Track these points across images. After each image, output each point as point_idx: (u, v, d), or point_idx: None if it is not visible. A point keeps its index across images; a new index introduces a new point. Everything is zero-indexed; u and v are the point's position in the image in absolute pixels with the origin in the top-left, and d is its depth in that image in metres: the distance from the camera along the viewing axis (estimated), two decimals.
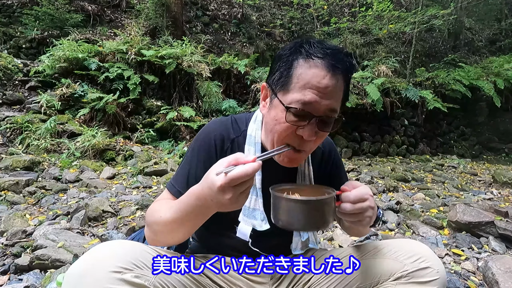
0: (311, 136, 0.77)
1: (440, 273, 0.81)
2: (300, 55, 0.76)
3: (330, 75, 0.74)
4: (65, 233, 1.99)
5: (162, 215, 0.77)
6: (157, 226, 0.80)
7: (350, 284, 0.89)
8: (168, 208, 0.77)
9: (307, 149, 0.82)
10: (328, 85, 0.73)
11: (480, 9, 10.57)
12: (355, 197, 0.74)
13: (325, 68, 0.74)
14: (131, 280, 0.66)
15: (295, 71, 0.75)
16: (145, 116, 5.32)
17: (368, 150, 6.05)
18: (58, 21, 7.25)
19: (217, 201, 0.63)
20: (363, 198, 0.74)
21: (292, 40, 7.89)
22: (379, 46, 9.01)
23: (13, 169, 3.34)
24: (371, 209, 0.75)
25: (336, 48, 0.77)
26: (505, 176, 3.95)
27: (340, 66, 0.75)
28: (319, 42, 0.77)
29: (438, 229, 2.36)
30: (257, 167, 0.61)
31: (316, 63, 0.74)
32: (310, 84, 0.73)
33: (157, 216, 0.79)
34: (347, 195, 0.75)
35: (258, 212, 0.90)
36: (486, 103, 7.46)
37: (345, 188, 0.77)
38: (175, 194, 0.88)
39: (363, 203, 0.74)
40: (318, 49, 0.75)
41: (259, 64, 7.65)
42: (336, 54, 0.75)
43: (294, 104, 0.74)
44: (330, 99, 0.75)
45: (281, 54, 0.81)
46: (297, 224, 0.69)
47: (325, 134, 0.81)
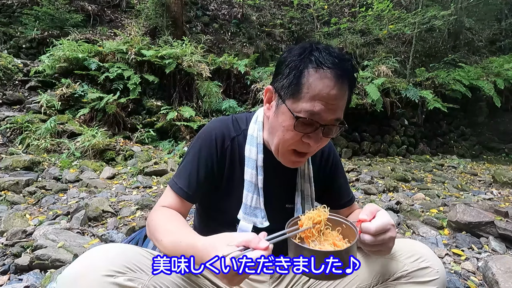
0: (317, 142, 0.80)
1: (440, 273, 0.81)
2: (310, 63, 0.77)
3: (338, 85, 0.76)
4: (65, 233, 1.99)
5: (163, 239, 0.79)
6: (156, 242, 0.82)
7: (350, 284, 0.89)
8: (168, 233, 0.78)
9: (309, 153, 0.86)
10: (336, 95, 0.76)
11: (480, 9, 10.55)
12: (376, 228, 0.71)
13: (334, 78, 0.75)
14: (124, 283, 0.65)
15: (305, 80, 0.76)
16: (145, 116, 5.32)
17: (368, 150, 6.05)
18: (58, 21, 7.26)
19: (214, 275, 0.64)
20: (385, 229, 0.72)
21: (292, 40, 7.88)
22: (379, 46, 9.01)
23: (13, 169, 3.35)
24: (393, 240, 0.74)
25: (343, 57, 0.79)
26: (505, 176, 3.94)
27: (347, 75, 0.77)
28: (326, 48, 0.79)
29: (438, 229, 2.36)
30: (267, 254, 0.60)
31: (326, 73, 0.75)
32: (320, 95, 0.75)
33: (157, 236, 0.81)
34: (368, 227, 0.72)
35: (259, 210, 0.91)
36: (486, 103, 7.47)
37: (365, 219, 0.73)
38: (177, 191, 0.90)
39: (385, 235, 0.72)
40: (327, 58, 0.76)
41: (259, 64, 7.65)
42: (343, 63, 0.77)
43: (303, 114, 0.76)
44: (337, 108, 0.78)
45: (289, 59, 0.81)
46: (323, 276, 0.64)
47: (328, 139, 0.84)
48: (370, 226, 0.71)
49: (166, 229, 0.80)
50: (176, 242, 0.74)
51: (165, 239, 0.78)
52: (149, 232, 0.87)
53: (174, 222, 0.83)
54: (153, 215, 0.87)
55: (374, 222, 0.72)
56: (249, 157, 0.92)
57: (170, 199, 0.91)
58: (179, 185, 0.90)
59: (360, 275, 0.89)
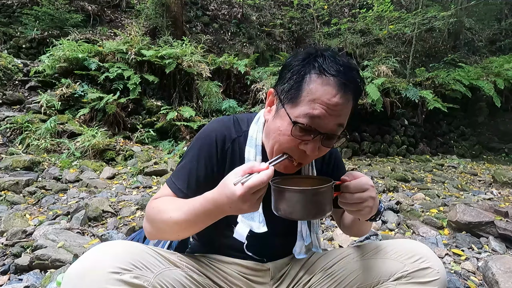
0: (314, 151, 0.77)
1: (440, 273, 0.81)
2: (313, 69, 0.75)
3: (341, 94, 0.74)
4: (65, 233, 1.99)
5: (172, 215, 0.77)
6: (164, 225, 0.80)
7: (350, 284, 0.89)
8: (177, 209, 0.77)
9: (305, 162, 0.84)
10: (338, 103, 0.73)
11: (480, 9, 10.56)
12: (354, 187, 0.75)
13: (337, 86, 0.73)
14: (130, 280, 0.66)
15: (306, 85, 0.75)
16: (145, 116, 5.32)
17: (368, 150, 6.05)
18: (58, 21, 7.26)
19: (236, 208, 0.67)
20: (363, 188, 0.75)
21: (292, 40, 7.87)
22: (379, 46, 9.01)
23: (13, 169, 3.34)
24: (371, 199, 0.76)
25: (349, 65, 0.77)
26: (505, 176, 3.94)
27: (352, 85, 0.75)
28: (332, 56, 0.77)
29: (438, 229, 2.36)
30: (270, 173, 0.65)
31: (328, 80, 0.73)
32: (320, 100, 0.73)
33: (165, 217, 0.79)
34: (347, 185, 0.75)
35: (257, 214, 0.89)
36: (486, 103, 7.46)
37: (345, 179, 0.77)
38: (175, 191, 0.88)
39: (362, 193, 0.75)
40: (331, 65, 0.74)
41: (259, 64, 7.65)
42: (348, 72, 0.75)
43: (301, 118, 0.74)
44: (338, 117, 0.75)
45: (293, 63, 0.79)
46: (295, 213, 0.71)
47: (327, 149, 0.81)
48: (349, 184, 0.75)
49: (172, 208, 0.79)
50: (191, 209, 0.75)
51: (175, 214, 0.77)
52: (150, 219, 0.84)
53: (176, 201, 0.83)
54: (152, 203, 0.86)
55: (353, 181, 0.76)
56: (248, 158, 0.90)
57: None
58: (178, 186, 0.88)
59: (360, 275, 0.89)
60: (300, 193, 0.70)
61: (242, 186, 0.64)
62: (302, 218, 0.87)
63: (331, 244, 2.12)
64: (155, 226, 0.83)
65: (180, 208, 0.77)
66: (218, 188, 0.70)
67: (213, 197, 0.71)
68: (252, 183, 0.64)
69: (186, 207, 0.76)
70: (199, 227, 0.78)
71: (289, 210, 0.71)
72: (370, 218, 0.82)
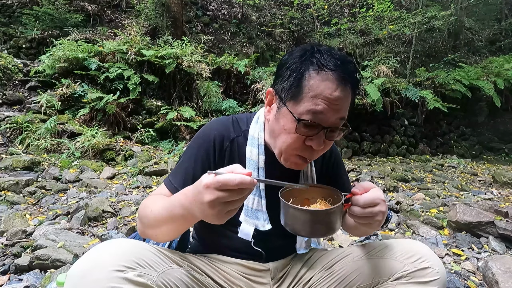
0: (320, 145, 0.79)
1: (440, 273, 0.81)
2: (312, 65, 0.76)
3: (341, 87, 0.75)
4: (65, 233, 1.99)
5: (153, 209, 0.78)
6: (146, 219, 0.80)
7: (350, 284, 0.89)
8: (157, 203, 0.79)
9: (313, 158, 0.85)
10: (339, 97, 0.75)
11: (480, 9, 10.56)
12: (365, 201, 0.74)
13: (336, 80, 0.75)
14: (133, 279, 0.65)
15: (306, 82, 0.76)
16: (145, 116, 5.32)
17: (368, 150, 6.05)
18: (58, 21, 7.25)
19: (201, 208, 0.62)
20: (374, 203, 0.74)
21: (292, 40, 7.86)
22: (379, 46, 9.01)
23: (13, 169, 3.35)
24: (381, 214, 0.75)
25: (346, 59, 0.78)
26: (505, 176, 3.94)
27: (350, 78, 0.76)
28: (328, 50, 0.78)
29: (438, 229, 2.36)
30: (246, 181, 0.59)
31: (327, 75, 0.75)
32: (322, 95, 0.74)
33: (148, 210, 0.80)
34: (357, 199, 0.75)
35: (261, 213, 0.90)
36: (486, 103, 7.46)
37: (356, 192, 0.76)
38: (172, 190, 0.88)
39: (373, 208, 0.74)
40: (329, 60, 0.75)
41: (259, 64, 7.66)
42: (346, 65, 0.76)
43: (305, 115, 0.75)
44: (340, 110, 0.77)
45: (290, 61, 0.80)
46: (303, 232, 0.71)
47: (332, 142, 0.83)
48: (359, 198, 0.74)
49: (155, 203, 0.79)
50: (166, 204, 0.74)
51: (155, 208, 0.77)
52: (139, 215, 0.84)
53: (163, 199, 0.82)
54: (144, 202, 0.87)
55: (364, 195, 0.75)
56: (250, 158, 0.91)
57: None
58: (175, 185, 0.88)
59: (360, 275, 0.89)
60: (310, 214, 0.69)
61: (211, 176, 0.60)
62: (310, 236, 0.87)
63: (331, 244, 2.12)
64: (141, 220, 0.84)
65: (161, 202, 0.78)
66: (195, 185, 0.66)
67: (187, 189, 0.69)
68: (222, 178, 0.59)
69: (164, 203, 0.76)
70: (173, 226, 0.75)
71: (297, 228, 0.71)
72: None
